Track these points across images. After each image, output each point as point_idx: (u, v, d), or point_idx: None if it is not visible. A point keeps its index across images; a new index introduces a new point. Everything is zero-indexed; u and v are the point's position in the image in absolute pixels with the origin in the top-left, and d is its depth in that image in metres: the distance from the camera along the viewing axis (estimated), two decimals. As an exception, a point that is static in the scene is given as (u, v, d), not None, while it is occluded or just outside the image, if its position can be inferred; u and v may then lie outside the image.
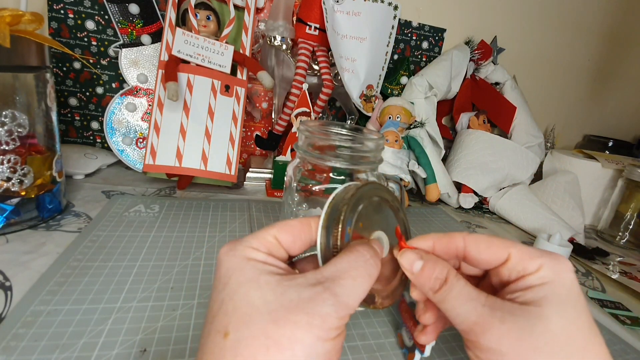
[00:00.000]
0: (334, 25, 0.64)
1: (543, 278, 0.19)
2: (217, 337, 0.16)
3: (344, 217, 0.20)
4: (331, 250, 0.20)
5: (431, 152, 0.66)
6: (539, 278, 0.19)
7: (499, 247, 0.21)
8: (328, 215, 0.21)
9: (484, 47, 0.81)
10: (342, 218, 0.20)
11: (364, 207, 0.22)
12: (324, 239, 0.20)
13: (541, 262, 0.19)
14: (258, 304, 0.16)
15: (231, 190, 0.62)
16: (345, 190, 0.22)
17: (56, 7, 0.60)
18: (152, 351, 0.27)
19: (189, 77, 0.54)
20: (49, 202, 0.43)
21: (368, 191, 0.22)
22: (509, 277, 0.20)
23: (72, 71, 0.64)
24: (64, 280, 0.33)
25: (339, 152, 0.32)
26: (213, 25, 0.58)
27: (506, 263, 0.20)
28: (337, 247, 0.20)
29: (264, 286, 0.17)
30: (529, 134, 0.79)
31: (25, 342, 0.26)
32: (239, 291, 0.17)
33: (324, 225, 0.20)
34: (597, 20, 0.97)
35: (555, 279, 0.19)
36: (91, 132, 0.68)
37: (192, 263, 0.39)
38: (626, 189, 0.68)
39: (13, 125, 0.38)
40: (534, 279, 0.19)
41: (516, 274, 0.20)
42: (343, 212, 0.20)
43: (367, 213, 0.22)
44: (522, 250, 0.20)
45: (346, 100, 0.73)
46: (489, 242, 0.21)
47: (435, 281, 0.20)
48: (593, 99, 1.07)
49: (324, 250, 0.20)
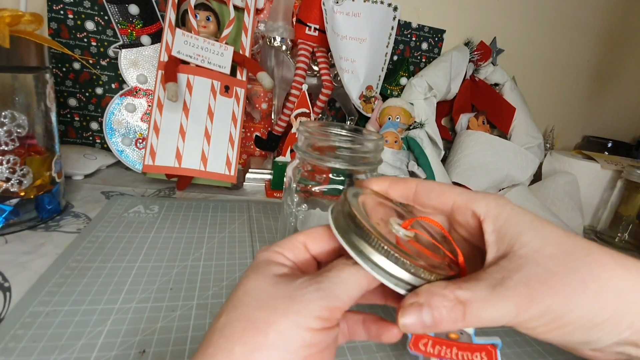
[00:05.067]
0: (333, 26, 0.64)
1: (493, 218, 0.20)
2: (214, 319, 0.17)
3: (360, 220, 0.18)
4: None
5: (431, 153, 0.66)
6: (490, 218, 0.20)
7: (448, 196, 0.21)
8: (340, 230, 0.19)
9: (483, 48, 0.81)
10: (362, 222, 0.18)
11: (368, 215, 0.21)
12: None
13: (486, 202, 0.20)
14: (251, 292, 0.17)
15: (231, 191, 0.62)
16: (338, 205, 0.21)
17: (56, 7, 0.60)
18: (151, 352, 0.27)
19: (188, 78, 0.54)
20: (48, 202, 0.43)
21: (353, 202, 0.21)
22: (467, 222, 0.21)
23: (71, 72, 0.63)
24: (63, 281, 0.33)
25: (339, 152, 0.32)
26: (213, 26, 0.58)
27: (454, 209, 0.21)
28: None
29: (264, 279, 0.18)
30: (529, 134, 0.79)
31: (24, 343, 0.26)
32: (242, 282, 0.18)
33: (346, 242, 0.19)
34: (596, 22, 0.97)
35: (501, 212, 0.19)
36: (90, 133, 0.68)
37: (192, 264, 0.39)
38: (625, 190, 0.68)
39: (12, 125, 0.38)
40: (489, 225, 0.20)
41: (468, 216, 0.21)
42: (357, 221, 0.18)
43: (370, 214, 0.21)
44: (465, 196, 0.21)
45: (346, 101, 0.73)
46: (441, 191, 0.22)
47: (454, 311, 0.17)
48: (592, 100, 1.07)
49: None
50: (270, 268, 0.19)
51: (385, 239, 0.18)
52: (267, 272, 0.18)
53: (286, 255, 0.20)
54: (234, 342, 0.16)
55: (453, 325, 0.17)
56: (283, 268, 0.19)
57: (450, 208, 0.21)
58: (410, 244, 0.20)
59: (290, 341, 0.16)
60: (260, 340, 0.16)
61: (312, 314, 0.16)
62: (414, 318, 0.17)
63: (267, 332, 0.16)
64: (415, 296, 0.18)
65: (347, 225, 0.19)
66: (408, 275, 0.17)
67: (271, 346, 0.15)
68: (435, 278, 0.18)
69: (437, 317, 0.17)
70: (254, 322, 0.16)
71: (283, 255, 0.20)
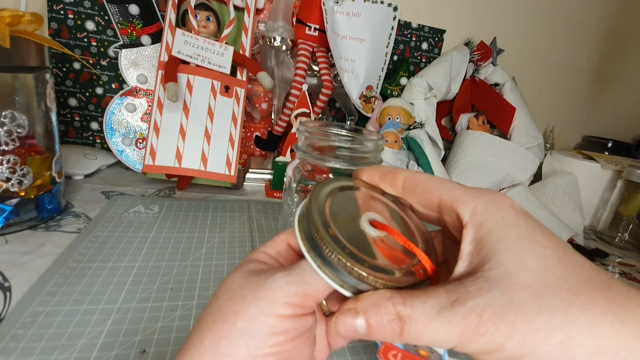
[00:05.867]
0: (333, 26, 0.64)
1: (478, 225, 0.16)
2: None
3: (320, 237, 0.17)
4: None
5: (431, 153, 0.66)
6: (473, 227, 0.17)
7: (434, 193, 0.19)
8: (306, 239, 0.18)
9: (483, 48, 0.81)
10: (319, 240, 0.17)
11: (332, 209, 0.20)
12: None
13: (474, 205, 0.17)
14: (224, 287, 0.18)
15: (231, 191, 0.62)
16: (303, 211, 0.20)
17: (56, 7, 0.60)
18: (151, 352, 0.27)
19: (188, 78, 0.54)
20: (48, 202, 0.43)
21: (320, 196, 0.20)
22: (454, 223, 0.18)
23: (71, 72, 0.64)
24: (63, 280, 0.33)
25: (339, 152, 0.32)
26: (213, 26, 0.58)
27: (441, 208, 0.18)
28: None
29: (238, 274, 0.18)
30: (529, 134, 0.79)
31: (24, 343, 0.26)
32: (224, 281, 0.18)
33: (307, 249, 0.18)
34: (596, 22, 0.97)
35: (487, 220, 0.16)
36: (91, 133, 0.68)
37: (192, 264, 0.39)
38: (625, 189, 0.68)
39: (12, 125, 0.38)
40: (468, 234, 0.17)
41: (454, 217, 0.18)
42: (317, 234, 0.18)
43: (337, 209, 0.20)
44: (452, 193, 0.18)
45: (346, 101, 0.73)
46: (427, 187, 0.19)
47: (392, 325, 0.16)
48: (592, 100, 1.07)
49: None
50: (247, 265, 0.19)
51: (331, 239, 0.17)
52: (243, 268, 0.18)
53: (268, 253, 0.20)
54: (204, 334, 0.16)
55: (390, 339, 0.16)
56: (260, 265, 0.19)
57: (437, 206, 0.19)
58: (377, 246, 0.19)
59: (256, 328, 0.16)
60: (227, 329, 0.16)
61: (280, 300, 0.16)
62: (347, 323, 0.17)
63: (235, 320, 0.16)
64: (355, 302, 0.17)
65: (305, 224, 0.19)
66: (351, 278, 0.17)
67: (238, 334, 0.15)
68: (382, 285, 0.17)
69: (374, 327, 0.16)
70: (223, 312, 0.16)
71: (265, 254, 0.20)
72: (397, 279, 0.17)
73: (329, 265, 0.17)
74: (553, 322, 0.13)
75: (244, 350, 0.15)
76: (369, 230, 0.19)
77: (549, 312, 0.14)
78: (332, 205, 0.19)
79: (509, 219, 0.16)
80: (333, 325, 0.17)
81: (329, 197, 0.20)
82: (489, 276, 0.15)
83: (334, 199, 0.20)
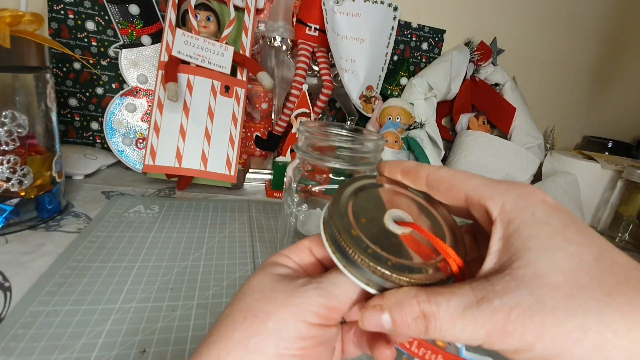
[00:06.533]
0: (333, 26, 0.64)
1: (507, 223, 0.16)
2: (221, 313, 0.18)
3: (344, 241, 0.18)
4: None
5: (431, 153, 0.66)
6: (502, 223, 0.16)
7: (459, 190, 0.18)
8: (331, 242, 0.19)
9: (483, 48, 0.81)
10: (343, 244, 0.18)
11: (355, 210, 0.20)
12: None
13: (503, 200, 0.16)
14: (254, 287, 0.18)
15: (231, 191, 0.62)
16: (326, 214, 0.20)
17: (56, 7, 0.60)
18: (151, 352, 0.27)
19: (188, 78, 0.54)
20: (48, 202, 0.43)
21: (342, 198, 0.20)
22: (483, 219, 0.18)
23: (72, 72, 0.64)
24: (64, 280, 0.33)
25: (339, 152, 0.32)
26: (213, 26, 0.58)
27: (468, 204, 0.18)
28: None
29: (267, 276, 0.19)
30: (529, 135, 0.79)
31: (25, 342, 0.26)
32: (248, 280, 0.19)
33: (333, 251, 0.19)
34: (596, 22, 0.97)
35: (517, 216, 0.16)
36: (91, 133, 0.68)
37: (192, 264, 0.39)
38: (625, 190, 0.68)
39: (13, 125, 0.38)
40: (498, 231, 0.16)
41: (483, 213, 0.17)
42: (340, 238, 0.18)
43: (360, 209, 0.20)
44: (479, 189, 0.17)
45: (346, 101, 0.73)
46: (451, 184, 0.19)
47: (416, 323, 0.16)
48: (592, 100, 1.07)
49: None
50: (275, 268, 0.19)
51: (353, 241, 0.17)
52: (272, 271, 0.19)
53: (292, 258, 0.21)
54: (234, 329, 0.17)
55: (416, 335, 0.16)
56: (287, 269, 0.20)
57: (464, 203, 0.18)
58: (404, 241, 0.19)
59: (287, 330, 0.16)
60: (258, 327, 0.16)
61: (310, 309, 0.17)
62: (373, 318, 0.17)
63: (266, 321, 0.16)
64: (380, 299, 0.17)
65: (329, 227, 0.19)
66: (376, 277, 0.17)
67: (269, 334, 0.16)
68: (406, 283, 0.17)
69: (399, 323, 0.16)
70: (254, 311, 0.17)
71: (289, 258, 0.20)
72: (421, 276, 0.17)
73: (354, 266, 0.18)
74: (587, 324, 0.13)
75: (273, 349, 0.16)
76: (393, 227, 0.19)
77: (582, 313, 0.13)
78: (355, 205, 0.20)
79: (540, 215, 0.15)
80: (360, 321, 0.17)
81: (352, 198, 0.20)
82: (517, 275, 0.15)
83: (356, 199, 0.20)
